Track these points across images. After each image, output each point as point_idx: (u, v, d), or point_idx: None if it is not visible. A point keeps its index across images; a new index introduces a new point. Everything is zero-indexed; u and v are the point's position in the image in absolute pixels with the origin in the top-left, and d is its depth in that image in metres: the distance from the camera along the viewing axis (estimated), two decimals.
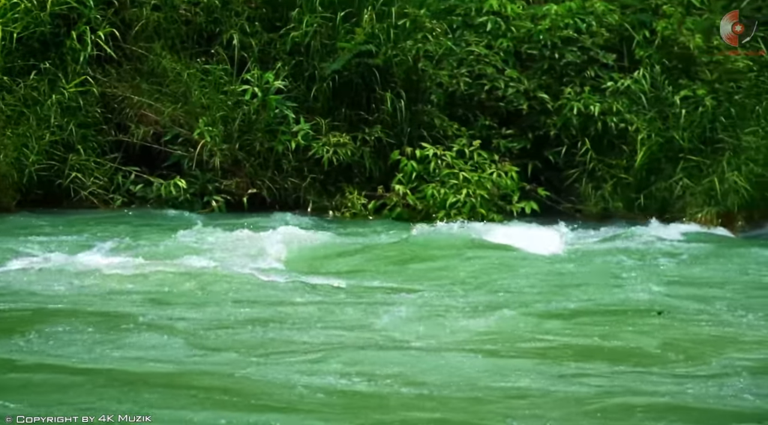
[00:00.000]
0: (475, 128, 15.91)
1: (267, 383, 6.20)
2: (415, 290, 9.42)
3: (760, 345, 7.60)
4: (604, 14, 16.15)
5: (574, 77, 16.05)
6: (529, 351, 7.23)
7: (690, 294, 9.46)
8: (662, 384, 6.44)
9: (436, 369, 6.62)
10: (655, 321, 8.25)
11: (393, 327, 7.82)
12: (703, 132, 15.39)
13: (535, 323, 8.03)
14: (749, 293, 9.65)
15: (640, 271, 10.68)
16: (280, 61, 15.85)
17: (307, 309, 8.40)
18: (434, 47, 15.81)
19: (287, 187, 15.62)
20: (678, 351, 7.29)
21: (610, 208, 15.47)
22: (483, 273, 10.24)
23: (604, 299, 9.01)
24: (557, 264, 10.94)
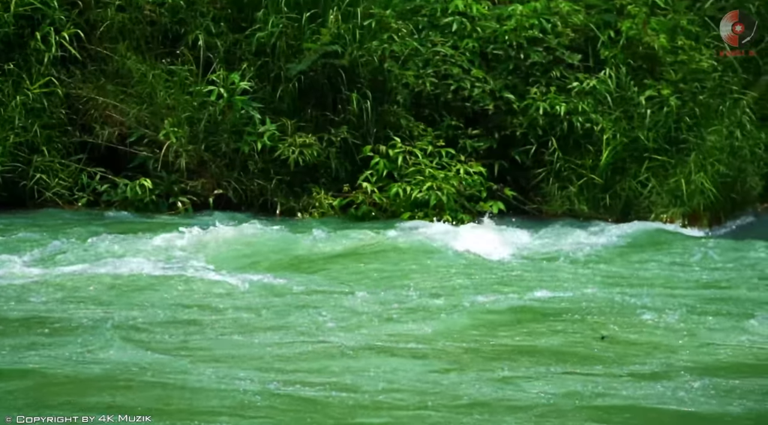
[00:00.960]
0: (441, 128, 15.93)
1: (207, 388, 6.11)
2: (361, 293, 9.30)
3: (708, 346, 7.56)
4: (569, 14, 16.19)
5: (539, 77, 16.09)
6: (473, 354, 7.15)
7: (639, 294, 9.39)
8: (611, 386, 6.40)
9: (380, 373, 6.54)
10: (601, 319, 8.18)
11: (336, 331, 7.70)
12: (668, 132, 15.46)
13: (481, 326, 7.93)
14: (700, 293, 9.61)
15: (591, 272, 10.62)
16: (246, 61, 15.82)
17: (249, 312, 8.29)
18: (400, 48, 15.82)
19: (253, 188, 15.59)
20: (623, 351, 7.24)
21: (575, 208, 15.50)
22: (432, 276, 10.15)
23: (550, 301, 8.91)
24: (510, 266, 10.88)
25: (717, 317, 8.46)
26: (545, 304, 8.79)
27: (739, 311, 8.72)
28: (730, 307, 8.83)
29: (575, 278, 10.23)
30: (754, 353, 7.39)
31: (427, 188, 14.95)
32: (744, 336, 7.90)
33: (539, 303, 8.83)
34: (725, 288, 9.87)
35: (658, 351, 7.32)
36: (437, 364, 6.91)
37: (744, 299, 9.30)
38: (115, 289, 9.17)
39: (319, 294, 9.23)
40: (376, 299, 8.99)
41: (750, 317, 8.48)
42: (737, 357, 7.28)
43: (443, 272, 10.35)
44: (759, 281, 10.28)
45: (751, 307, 8.87)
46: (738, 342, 7.74)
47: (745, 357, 7.30)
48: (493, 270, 10.64)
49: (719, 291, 9.73)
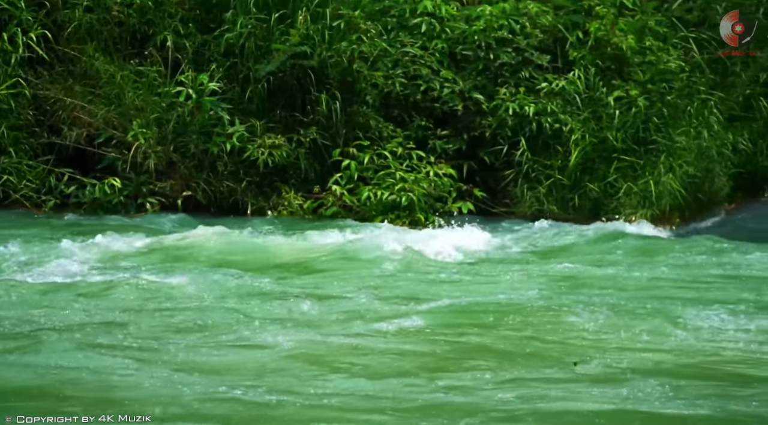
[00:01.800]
0: (411, 128, 15.94)
1: (161, 394, 6.07)
2: (310, 296, 9.22)
3: (660, 345, 7.53)
4: (537, 15, 16.22)
5: (508, 78, 16.11)
6: (423, 358, 7.07)
7: (593, 294, 9.38)
8: (565, 389, 6.33)
9: (337, 379, 6.50)
10: (558, 320, 8.13)
11: (285, 334, 7.61)
12: (637, 132, 15.50)
13: (429, 329, 7.84)
14: (656, 293, 9.55)
15: (547, 273, 10.56)
16: (215, 62, 15.78)
17: (203, 315, 8.20)
18: (369, 48, 15.81)
19: (222, 189, 15.55)
20: (575, 353, 7.19)
21: (544, 209, 15.53)
22: (389, 279, 10.04)
23: (499, 303, 8.83)
24: (463, 268, 10.79)
25: (670, 316, 8.38)
26: (494, 306, 8.71)
27: (692, 310, 8.66)
28: (684, 306, 8.77)
29: (529, 280, 10.16)
30: (705, 351, 7.35)
31: (398, 189, 14.95)
32: (697, 334, 7.84)
33: (489, 305, 8.74)
34: (681, 288, 9.83)
35: (611, 352, 7.26)
36: (397, 368, 6.86)
37: (698, 298, 9.25)
38: (59, 293, 9.07)
39: (271, 297, 9.13)
40: (322, 302, 8.90)
41: (703, 316, 8.46)
42: (689, 356, 7.23)
43: (397, 275, 10.27)
44: (716, 280, 10.27)
45: (705, 306, 8.83)
46: (690, 340, 7.68)
47: (696, 356, 7.25)
48: (447, 272, 10.56)
49: (675, 291, 9.66)
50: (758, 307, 8.82)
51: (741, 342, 7.61)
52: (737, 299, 9.20)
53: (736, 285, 9.93)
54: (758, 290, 9.64)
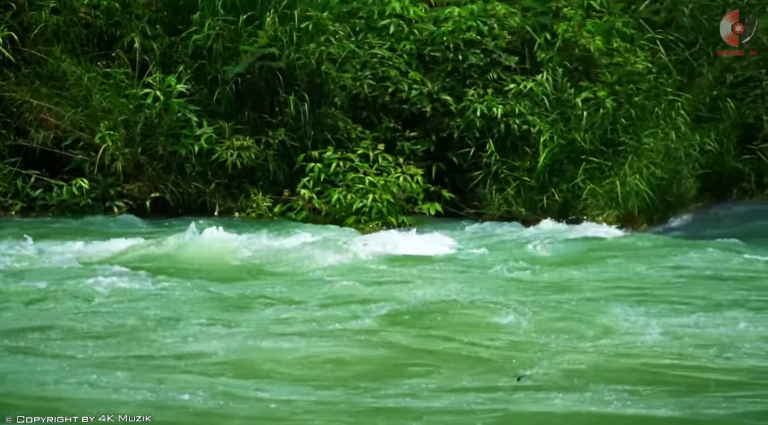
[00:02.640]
0: (379, 130, 15.94)
1: (103, 399, 5.98)
2: (268, 300, 9.07)
3: (613, 346, 7.46)
4: (505, 17, 16.26)
5: (477, 79, 16.14)
6: (376, 364, 6.98)
7: (552, 297, 9.31)
8: (515, 393, 6.26)
9: (283, 385, 6.40)
10: (507, 323, 8.04)
11: (239, 341, 7.49)
12: (604, 134, 15.55)
13: (384, 334, 7.73)
14: (609, 294, 9.49)
15: (502, 276, 10.48)
16: (182, 64, 15.73)
17: (150, 320, 8.07)
18: (337, 50, 15.80)
19: (191, 191, 15.51)
20: (524, 357, 7.13)
21: (513, 210, 15.55)
22: (341, 282, 9.78)
23: (458, 306, 8.70)
24: (426, 271, 10.61)
25: (623, 318, 8.31)
26: (443, 309, 8.58)
27: (645, 311, 8.57)
28: (637, 307, 8.64)
29: (484, 282, 10.06)
30: (656, 353, 7.29)
31: (372, 200, 14.90)
32: (649, 336, 7.78)
33: (439, 308, 8.61)
34: (635, 288, 9.69)
35: (560, 355, 7.14)
36: (334, 373, 6.75)
37: (653, 299, 9.12)
38: (15, 298, 8.97)
39: (217, 302, 8.94)
40: (270, 307, 8.70)
41: (656, 317, 8.39)
42: (640, 358, 7.15)
43: (350, 278, 10.11)
44: (672, 280, 10.20)
45: (658, 307, 8.76)
46: (642, 342, 7.59)
47: (647, 357, 7.18)
48: (401, 275, 10.37)
49: (629, 292, 9.50)
50: (710, 307, 8.77)
51: (695, 343, 7.57)
52: (694, 299, 9.15)
53: (694, 286, 9.86)
54: (713, 291, 9.59)
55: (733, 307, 8.80)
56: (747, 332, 7.96)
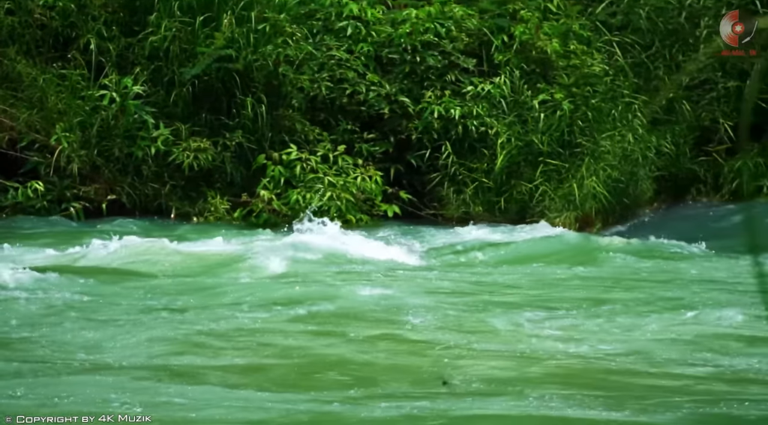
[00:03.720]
0: (337, 132, 15.92)
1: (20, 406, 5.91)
2: (192, 307, 8.91)
3: (561, 358, 7.30)
4: (463, 19, 16.27)
5: (434, 81, 16.14)
6: (291, 369, 6.87)
7: (490, 300, 9.20)
8: (456, 400, 6.13)
9: (199, 393, 6.28)
10: (442, 326, 7.92)
11: (156, 348, 7.36)
12: (562, 136, 15.59)
13: (305, 339, 7.60)
14: (554, 295, 9.45)
15: (445, 277, 10.40)
16: (139, 65, 15.66)
17: (79, 327, 7.94)
18: (294, 52, 15.76)
19: (148, 193, 15.45)
20: (465, 363, 7.03)
21: (471, 211, 15.58)
22: (269, 285, 9.74)
23: (389, 309, 8.60)
24: (363, 274, 10.54)
25: (564, 321, 8.28)
26: (373, 313, 8.48)
27: (593, 312, 8.56)
28: (580, 309, 8.66)
29: (424, 285, 9.93)
30: (601, 356, 7.23)
31: (328, 198, 14.91)
32: (579, 339, 7.71)
33: (368, 311, 8.52)
34: (580, 291, 9.69)
35: (507, 359, 7.11)
36: (250, 380, 6.65)
37: (600, 301, 9.10)
38: None
39: (137, 308, 8.80)
40: (191, 312, 8.58)
41: (592, 318, 8.40)
42: (569, 360, 7.09)
43: (282, 281, 10.04)
44: (612, 282, 10.17)
45: (603, 309, 8.75)
46: (584, 345, 7.53)
47: (589, 362, 7.13)
48: (335, 278, 10.30)
49: (572, 294, 9.50)
50: (652, 309, 8.73)
51: (637, 345, 7.53)
52: (639, 301, 9.14)
53: (642, 287, 9.86)
54: (656, 292, 9.58)
55: (667, 310, 8.74)
56: (679, 333, 7.91)
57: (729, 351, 7.37)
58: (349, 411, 5.92)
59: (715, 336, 7.80)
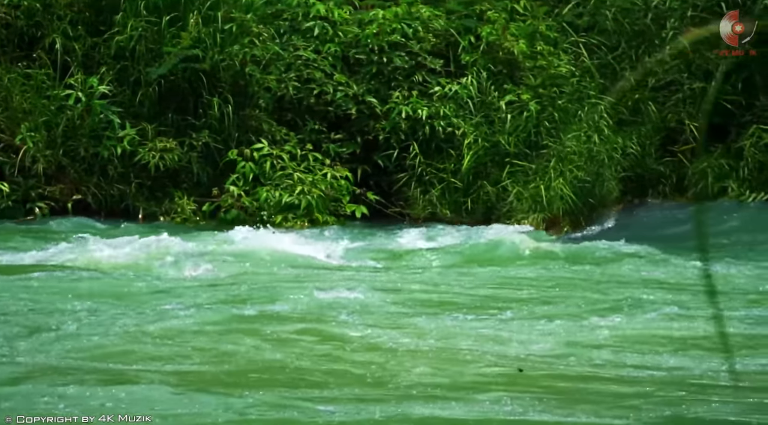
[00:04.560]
0: (305, 132, 15.91)
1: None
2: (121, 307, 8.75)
3: (508, 361, 7.15)
4: (430, 20, 16.29)
5: (402, 82, 16.15)
6: (218, 372, 6.72)
7: (438, 302, 9.07)
8: (407, 404, 6.01)
9: (123, 394, 6.18)
10: (387, 329, 7.79)
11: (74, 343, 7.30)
12: (528, 136, 15.61)
13: (238, 340, 7.44)
14: (510, 295, 9.38)
15: (402, 276, 10.31)
16: (105, 65, 15.61)
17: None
18: (261, 52, 15.73)
19: (113, 193, 15.39)
20: (410, 366, 6.89)
21: (438, 212, 15.59)
22: (213, 285, 9.66)
23: (330, 310, 8.49)
24: (311, 274, 10.44)
25: (511, 323, 8.20)
26: (315, 314, 8.39)
27: (532, 313, 8.55)
28: (533, 310, 8.58)
29: (370, 286, 9.73)
30: (553, 359, 7.14)
31: (298, 192, 14.91)
32: (528, 341, 7.61)
33: (310, 313, 8.41)
34: (536, 291, 9.55)
35: (453, 361, 6.98)
36: (182, 381, 6.47)
37: (543, 301, 9.09)
38: None
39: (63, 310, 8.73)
40: (114, 312, 8.49)
41: (542, 317, 8.36)
42: (517, 362, 6.99)
43: (224, 281, 9.96)
44: (582, 283, 10.03)
45: (556, 310, 8.72)
46: (535, 347, 7.45)
47: (541, 364, 7.03)
48: (283, 278, 10.20)
49: (526, 295, 9.45)
50: (601, 310, 8.64)
51: (592, 347, 7.47)
52: (596, 302, 9.06)
53: (593, 289, 9.76)
54: (615, 293, 9.52)
55: (615, 311, 8.63)
56: (625, 335, 7.86)
57: (675, 352, 7.33)
58: (291, 414, 5.83)
59: (662, 337, 7.74)
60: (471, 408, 5.92)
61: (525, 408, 5.94)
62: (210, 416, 5.78)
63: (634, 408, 5.96)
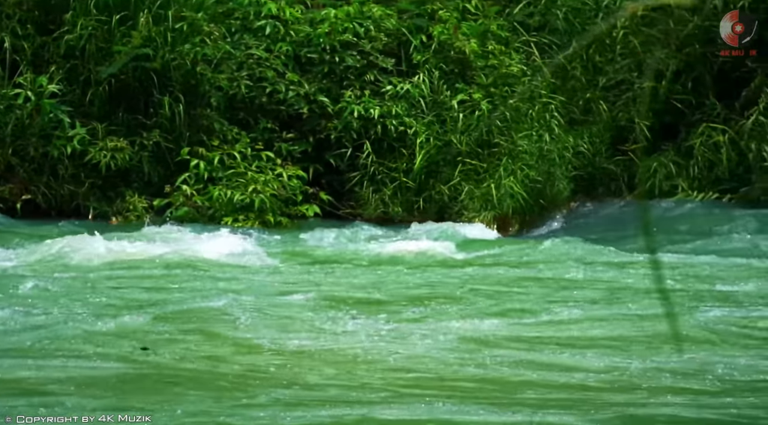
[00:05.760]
0: (256, 131, 15.87)
1: None
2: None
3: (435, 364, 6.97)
4: (381, 19, 16.29)
5: (354, 81, 16.15)
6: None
7: (359, 304, 8.86)
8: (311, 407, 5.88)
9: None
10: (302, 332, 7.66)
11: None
12: (480, 135, 15.65)
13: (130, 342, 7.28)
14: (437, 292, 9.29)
15: (329, 275, 10.22)
16: (55, 64, 15.49)
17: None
18: (213, 51, 15.68)
19: (64, 193, 15.30)
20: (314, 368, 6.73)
21: (390, 211, 15.60)
22: (128, 284, 9.54)
23: (240, 311, 8.23)
24: (239, 273, 10.37)
25: (441, 323, 8.05)
26: (226, 315, 8.16)
27: (472, 311, 8.49)
28: (466, 309, 8.52)
29: (292, 287, 9.61)
30: (449, 359, 7.01)
31: (250, 191, 14.88)
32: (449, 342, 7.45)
33: (214, 312, 8.20)
34: (474, 291, 9.41)
35: (354, 363, 6.83)
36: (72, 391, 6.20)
37: (485, 300, 8.99)
38: None
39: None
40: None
41: (465, 318, 8.28)
42: (458, 366, 6.87)
43: (138, 279, 9.84)
44: (518, 281, 10.01)
45: (492, 309, 8.66)
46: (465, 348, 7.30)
47: (437, 363, 6.88)
48: (203, 278, 10.05)
49: (445, 293, 9.32)
50: (547, 309, 8.58)
51: (516, 347, 7.40)
52: (534, 301, 8.96)
53: (543, 287, 9.69)
54: (556, 291, 9.42)
55: (559, 310, 8.58)
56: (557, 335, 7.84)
57: (614, 350, 7.31)
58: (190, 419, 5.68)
59: (603, 337, 7.69)
60: (369, 411, 5.83)
61: (450, 409, 5.90)
62: None
63: (571, 407, 5.97)
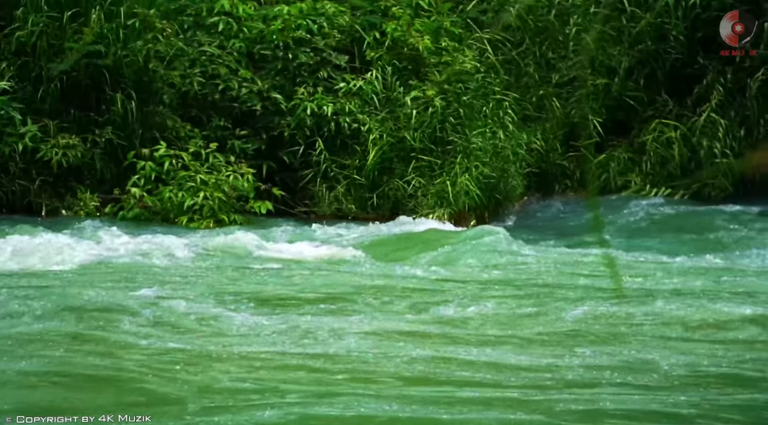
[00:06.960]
0: (210, 128, 15.82)
1: None
2: None
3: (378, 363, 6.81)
4: (335, 16, 16.28)
5: (307, 78, 16.13)
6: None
7: (300, 304, 8.73)
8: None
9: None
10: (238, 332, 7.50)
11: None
12: (434, 132, 15.67)
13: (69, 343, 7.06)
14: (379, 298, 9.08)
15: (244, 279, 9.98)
16: (5, 61, 15.37)
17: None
18: (165, 48, 15.62)
19: (15, 190, 15.20)
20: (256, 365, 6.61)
21: (343, 208, 15.59)
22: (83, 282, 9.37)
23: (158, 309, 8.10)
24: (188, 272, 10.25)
25: (382, 323, 7.91)
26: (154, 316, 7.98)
27: (402, 307, 8.42)
28: (425, 306, 8.50)
29: (228, 286, 9.43)
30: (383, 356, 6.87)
31: (202, 198, 14.77)
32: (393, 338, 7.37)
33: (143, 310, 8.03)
34: (420, 289, 9.40)
35: (263, 363, 6.66)
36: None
37: (416, 298, 8.86)
38: None
39: None
40: None
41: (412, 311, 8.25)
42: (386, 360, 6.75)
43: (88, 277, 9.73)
44: (464, 278, 9.95)
45: (410, 300, 8.64)
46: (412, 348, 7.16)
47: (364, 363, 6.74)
48: (144, 278, 9.82)
49: (406, 291, 9.28)
50: (492, 305, 8.50)
51: (469, 343, 7.34)
52: (476, 298, 8.85)
53: (489, 283, 9.62)
54: (502, 288, 9.36)
55: (504, 306, 8.54)
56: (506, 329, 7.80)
57: (571, 345, 7.31)
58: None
59: (561, 333, 7.72)
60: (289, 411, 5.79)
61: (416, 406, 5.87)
62: None
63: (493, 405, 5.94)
